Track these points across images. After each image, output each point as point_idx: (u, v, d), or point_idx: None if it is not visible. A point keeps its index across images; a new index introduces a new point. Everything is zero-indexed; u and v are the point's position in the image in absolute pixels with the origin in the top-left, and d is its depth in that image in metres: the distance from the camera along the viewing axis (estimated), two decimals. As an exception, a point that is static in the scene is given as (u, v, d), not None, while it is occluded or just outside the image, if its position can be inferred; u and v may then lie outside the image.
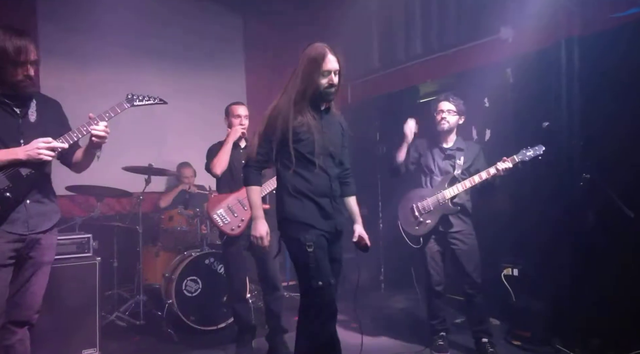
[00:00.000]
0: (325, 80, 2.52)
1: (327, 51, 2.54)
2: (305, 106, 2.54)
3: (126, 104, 2.62)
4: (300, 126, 2.52)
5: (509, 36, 4.17)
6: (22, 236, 2.42)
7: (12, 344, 2.48)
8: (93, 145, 2.53)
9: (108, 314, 4.14)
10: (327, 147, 2.58)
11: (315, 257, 2.44)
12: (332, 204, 2.59)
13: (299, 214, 2.52)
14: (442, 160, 3.61)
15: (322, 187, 2.56)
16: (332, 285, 2.48)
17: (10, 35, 2.34)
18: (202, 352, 3.65)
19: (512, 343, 3.63)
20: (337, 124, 2.72)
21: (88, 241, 3.56)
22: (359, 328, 4.06)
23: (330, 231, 2.57)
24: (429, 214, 3.53)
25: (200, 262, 4.08)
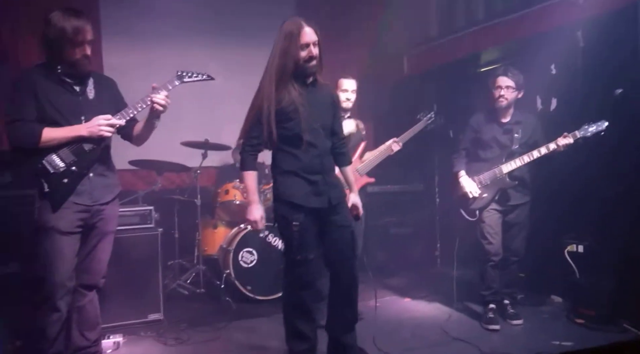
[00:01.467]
0: (305, 53, 2.53)
1: (302, 24, 2.53)
2: (289, 83, 2.55)
3: (176, 81, 2.71)
4: (284, 104, 2.53)
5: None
6: (88, 206, 2.58)
7: (83, 305, 2.69)
8: (154, 114, 2.63)
9: (170, 282, 4.33)
10: (316, 122, 2.59)
11: (299, 235, 2.59)
12: (325, 179, 2.64)
13: (289, 194, 2.61)
14: (501, 135, 3.54)
15: (312, 164, 2.61)
16: (311, 260, 2.63)
17: (69, 16, 2.44)
18: (259, 320, 3.75)
19: (575, 321, 3.49)
20: (327, 96, 2.73)
21: (150, 213, 3.72)
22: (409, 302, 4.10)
23: (323, 206, 2.63)
24: (486, 187, 3.53)
25: (255, 234, 4.16)
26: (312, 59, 2.55)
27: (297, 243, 2.62)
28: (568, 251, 3.75)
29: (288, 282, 2.76)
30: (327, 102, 2.72)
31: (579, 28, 3.91)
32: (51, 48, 2.48)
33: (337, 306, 2.80)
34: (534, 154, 3.38)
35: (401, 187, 5.25)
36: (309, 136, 2.57)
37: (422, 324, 3.59)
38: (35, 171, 2.47)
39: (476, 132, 3.63)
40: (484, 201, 3.53)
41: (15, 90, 2.48)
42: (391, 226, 5.15)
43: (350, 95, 3.66)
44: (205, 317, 3.79)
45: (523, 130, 3.50)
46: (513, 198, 3.51)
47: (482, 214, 3.56)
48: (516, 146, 3.49)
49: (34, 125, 2.45)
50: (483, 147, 3.60)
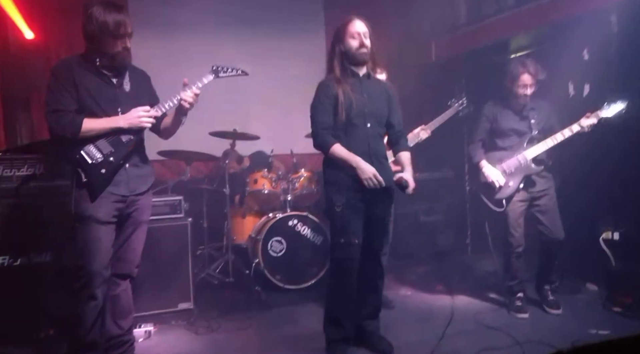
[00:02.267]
0: (356, 42, 2.71)
1: (352, 17, 2.76)
2: (343, 72, 2.75)
3: (211, 76, 2.76)
4: (333, 91, 2.70)
5: (614, -21, 3.77)
6: (124, 196, 2.61)
7: (117, 294, 2.73)
8: (181, 111, 2.67)
9: (200, 272, 4.36)
10: (365, 108, 2.73)
11: (342, 217, 2.69)
12: (373, 162, 2.71)
13: (335, 176, 2.74)
14: (518, 122, 3.50)
15: (359, 146, 2.72)
16: (355, 244, 2.70)
17: (110, 10, 2.48)
18: (288, 309, 3.77)
19: (611, 309, 3.44)
20: (382, 90, 2.87)
21: (180, 203, 3.72)
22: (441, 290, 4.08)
23: (369, 190, 2.66)
24: (510, 176, 3.47)
25: (284, 223, 4.18)
26: (363, 46, 2.72)
27: (340, 226, 2.71)
28: (603, 238, 3.68)
29: (333, 266, 2.85)
30: (381, 93, 2.86)
31: (612, 12, 3.82)
32: (92, 41, 2.52)
33: (362, 293, 2.88)
34: (557, 137, 3.33)
35: (430, 174, 5.22)
36: (352, 118, 2.70)
37: (455, 313, 3.56)
38: (74, 161, 2.51)
39: (491, 122, 3.57)
40: (510, 190, 3.46)
41: (55, 80, 2.52)
42: (421, 214, 5.14)
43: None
44: (235, 306, 3.83)
45: (538, 116, 3.47)
46: (539, 184, 3.46)
47: (508, 204, 3.50)
48: (535, 132, 3.45)
49: (75, 115, 2.49)
50: (501, 136, 3.55)
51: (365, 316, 2.96)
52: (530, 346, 2.86)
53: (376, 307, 2.98)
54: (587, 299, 3.66)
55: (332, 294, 2.84)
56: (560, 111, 3.59)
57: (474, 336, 3.10)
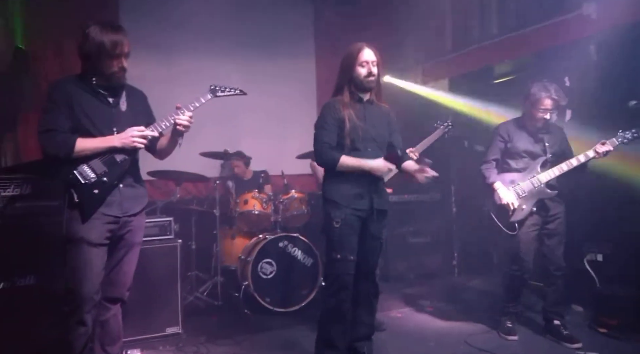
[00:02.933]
0: (365, 70, 2.81)
1: (364, 45, 2.85)
2: (347, 96, 2.85)
3: (209, 95, 2.76)
4: (338, 114, 2.80)
5: (593, 11, 3.96)
6: (117, 217, 2.56)
7: (107, 319, 2.66)
8: (177, 133, 2.66)
9: (188, 295, 4.30)
10: (367, 134, 2.84)
11: (340, 233, 2.77)
12: (369, 184, 2.82)
13: (334, 194, 2.82)
14: (533, 144, 3.48)
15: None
16: (350, 260, 2.78)
17: (107, 30, 2.48)
18: (278, 333, 3.72)
19: (597, 330, 3.50)
20: (384, 115, 2.97)
21: (170, 224, 3.69)
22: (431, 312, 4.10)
23: (365, 209, 2.81)
24: (524, 199, 3.40)
25: (275, 245, 4.16)
26: (371, 74, 2.82)
27: (338, 241, 2.78)
28: (587, 259, 3.76)
29: (328, 284, 2.87)
30: (383, 119, 2.97)
31: (592, 42, 3.98)
32: (88, 60, 2.52)
33: (357, 313, 2.92)
34: (572, 162, 3.31)
35: (418, 196, 5.29)
36: (355, 142, 2.80)
37: (446, 335, 3.59)
38: (67, 181, 2.46)
39: (506, 142, 3.53)
40: (524, 213, 3.40)
41: (50, 100, 2.50)
42: (409, 236, 5.19)
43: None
44: (224, 330, 3.77)
45: (551, 139, 3.46)
46: (552, 208, 3.43)
47: (520, 228, 3.42)
48: (549, 155, 3.43)
49: (68, 135, 2.46)
50: (514, 157, 3.51)
51: (359, 337, 2.96)
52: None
53: (370, 327, 3.00)
54: (573, 320, 3.69)
55: (327, 314, 2.85)
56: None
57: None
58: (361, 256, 2.86)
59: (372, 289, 2.98)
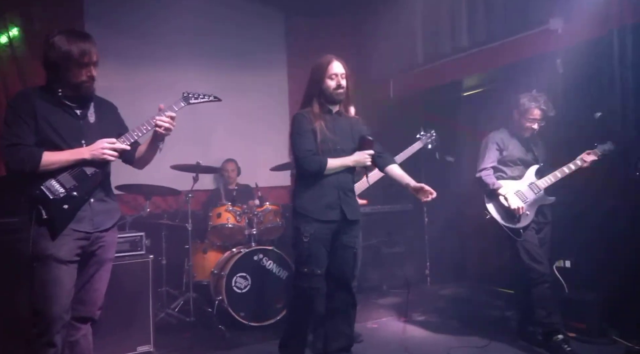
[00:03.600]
0: (334, 83, 2.84)
1: (333, 58, 2.89)
2: (317, 108, 2.87)
3: (182, 102, 2.66)
4: (315, 126, 2.82)
5: (559, 26, 4.09)
6: (88, 233, 2.46)
7: (77, 340, 2.54)
8: (157, 137, 2.58)
9: (159, 312, 4.18)
10: (337, 145, 2.86)
11: (309, 247, 2.78)
12: (340, 195, 2.85)
13: (304, 206, 2.83)
14: (525, 153, 3.57)
15: (330, 179, 2.84)
16: (318, 275, 2.80)
17: (75, 39, 2.40)
18: (253, 347, 3.67)
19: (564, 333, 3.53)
20: (351, 126, 2.99)
21: (141, 239, 3.60)
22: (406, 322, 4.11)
23: (337, 220, 2.83)
24: (527, 205, 3.43)
25: (249, 258, 4.10)
26: (340, 87, 2.85)
27: (306, 255, 2.79)
28: (556, 266, 3.84)
29: (294, 295, 2.90)
30: (351, 131, 2.97)
31: (558, 56, 4.10)
32: (54, 70, 2.42)
33: (333, 323, 2.93)
34: (565, 170, 3.41)
35: (391, 207, 5.31)
36: (325, 154, 2.82)
37: (422, 344, 3.61)
38: (33, 196, 2.35)
39: (501, 150, 3.57)
40: (529, 219, 3.44)
41: (13, 112, 2.38)
42: (383, 246, 5.20)
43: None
44: (197, 347, 3.69)
45: (537, 149, 3.58)
46: (548, 215, 3.51)
47: (526, 233, 3.42)
48: (542, 163, 3.54)
49: (34, 149, 2.36)
50: (509, 165, 3.56)
51: (338, 348, 2.94)
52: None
53: (349, 338, 2.99)
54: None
55: (290, 322, 2.94)
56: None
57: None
58: (335, 267, 2.89)
59: (349, 299, 2.97)
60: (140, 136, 2.57)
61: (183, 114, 2.89)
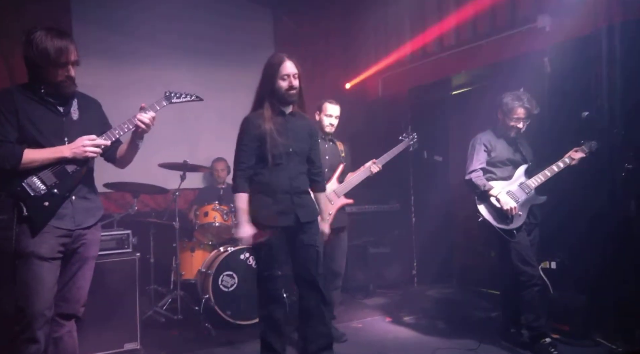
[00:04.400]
0: (285, 83, 2.78)
1: (284, 57, 2.82)
2: (265, 109, 2.81)
3: (164, 102, 2.66)
4: (258, 129, 2.77)
5: (547, 24, 4.06)
6: (69, 231, 2.47)
7: (61, 336, 2.55)
8: (137, 135, 2.57)
9: (146, 309, 4.18)
10: (288, 147, 2.81)
11: (267, 251, 2.77)
12: (292, 199, 2.81)
13: (257, 215, 2.78)
14: (513, 153, 3.55)
15: (280, 184, 2.81)
16: (278, 276, 2.80)
17: (52, 36, 2.36)
18: (239, 346, 3.68)
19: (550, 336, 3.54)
20: (305, 127, 2.96)
21: (128, 237, 3.61)
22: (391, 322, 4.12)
23: (291, 224, 2.80)
24: (519, 205, 3.40)
25: (236, 257, 4.11)
26: (292, 88, 2.79)
27: (265, 260, 2.80)
28: (541, 267, 3.84)
29: (258, 297, 2.89)
30: (304, 131, 2.95)
31: (545, 54, 4.10)
32: (33, 69, 2.40)
33: (309, 324, 2.90)
34: (554, 168, 3.39)
35: (378, 206, 5.32)
36: (277, 158, 2.78)
37: (407, 345, 3.61)
38: (14, 194, 2.35)
39: (490, 152, 3.54)
40: (522, 219, 3.39)
41: None
42: (370, 246, 5.19)
43: (334, 120, 3.77)
44: (184, 345, 3.70)
45: (524, 148, 3.56)
46: (538, 215, 3.49)
47: (519, 234, 3.38)
48: (530, 162, 3.51)
49: (15, 146, 2.35)
50: (498, 166, 3.53)
51: (319, 348, 2.89)
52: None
53: (328, 336, 2.94)
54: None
55: (262, 323, 2.90)
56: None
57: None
58: (300, 267, 2.87)
59: (318, 297, 2.88)
60: (122, 134, 2.57)
61: (171, 113, 2.88)
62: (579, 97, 3.81)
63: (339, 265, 3.82)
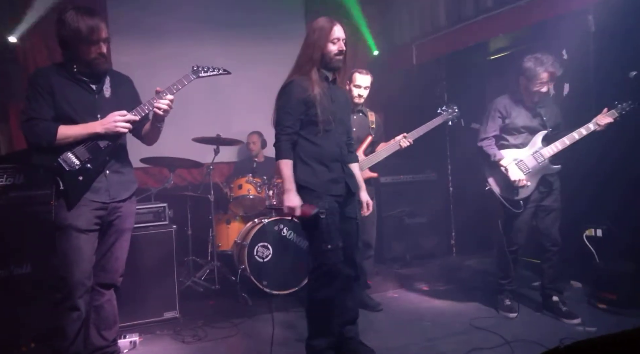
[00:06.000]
0: (335, 47, 2.66)
1: (334, 21, 2.70)
2: (312, 73, 2.65)
3: (192, 76, 2.69)
4: (307, 93, 2.62)
5: (590, -19, 3.84)
6: (105, 204, 2.56)
7: (101, 304, 2.68)
8: (156, 118, 2.62)
9: (185, 280, 4.31)
10: (336, 115, 2.70)
11: (327, 223, 2.59)
12: (343, 168, 2.73)
13: (312, 182, 2.64)
14: (531, 119, 3.40)
15: (333, 152, 2.70)
16: (340, 248, 2.62)
17: (83, 15, 2.42)
18: (276, 315, 3.68)
19: (596, 306, 3.46)
20: (344, 96, 2.87)
21: (164, 210, 3.68)
22: (427, 291, 4.08)
23: (342, 194, 2.70)
24: (529, 175, 3.31)
25: (270, 228, 4.15)
26: (341, 53, 2.68)
27: (326, 232, 2.59)
28: (586, 235, 3.72)
29: (317, 275, 2.64)
30: (344, 101, 2.85)
31: (589, 12, 3.88)
32: (67, 48, 2.47)
33: (341, 299, 2.75)
34: (574, 135, 3.23)
35: (414, 176, 5.24)
36: (327, 124, 2.65)
37: (443, 314, 3.57)
38: (52, 169, 2.46)
39: (504, 118, 3.42)
40: (529, 190, 3.32)
41: (32, 89, 2.47)
42: (405, 216, 5.12)
43: (363, 91, 3.67)
44: (221, 313, 3.78)
45: (549, 112, 3.39)
46: (551, 183, 3.38)
47: (526, 205, 3.35)
48: (550, 129, 3.36)
49: (50, 123, 2.44)
50: (512, 133, 3.42)
51: (344, 322, 2.84)
52: (519, 345, 2.86)
53: (353, 311, 2.88)
54: (572, 296, 3.66)
55: (320, 305, 2.66)
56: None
57: (462, 337, 3.09)
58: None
59: (353, 272, 2.81)
60: (151, 109, 2.60)
61: (204, 87, 2.87)
62: (626, 56, 3.60)
63: (370, 236, 3.79)
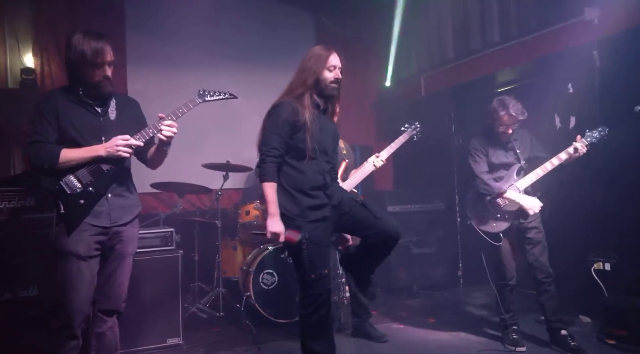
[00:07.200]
0: (331, 75, 2.65)
1: (332, 49, 2.71)
2: (304, 99, 2.62)
3: (198, 100, 2.69)
4: (301, 118, 2.57)
5: (595, 17, 3.92)
6: (105, 228, 2.52)
7: (103, 332, 2.61)
8: (162, 142, 2.61)
9: (189, 306, 4.30)
10: (320, 143, 2.64)
11: (309, 254, 2.53)
12: (325, 194, 2.64)
13: (292, 210, 2.58)
14: (505, 155, 3.52)
15: (316, 180, 2.63)
16: (326, 275, 2.57)
17: (89, 38, 2.45)
18: (279, 343, 3.70)
19: (605, 341, 3.39)
20: (331, 126, 2.79)
21: (171, 235, 3.69)
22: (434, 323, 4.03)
23: (328, 214, 2.62)
24: (506, 208, 3.43)
25: (275, 255, 4.14)
26: (337, 81, 2.67)
27: (308, 262, 2.55)
28: (594, 269, 3.67)
29: (306, 304, 2.61)
30: (332, 133, 2.80)
31: (594, 48, 3.94)
32: (72, 70, 2.50)
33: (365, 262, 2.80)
34: (547, 166, 3.34)
35: (422, 206, 5.23)
36: (313, 152, 2.61)
37: (449, 347, 3.51)
38: (53, 192, 2.45)
39: (485, 155, 3.54)
40: (507, 222, 3.43)
41: (37, 112, 2.49)
42: (412, 246, 5.10)
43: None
44: (225, 341, 3.75)
45: (521, 145, 3.50)
46: (529, 216, 3.41)
47: (504, 237, 3.45)
48: (523, 162, 3.47)
49: (53, 146, 2.45)
50: (490, 170, 3.53)
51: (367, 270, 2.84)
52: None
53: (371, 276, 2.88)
54: (581, 331, 3.61)
55: (310, 332, 2.62)
56: (548, 144, 3.61)
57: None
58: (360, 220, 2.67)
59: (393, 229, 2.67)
60: (155, 133, 2.59)
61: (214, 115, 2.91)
62: (630, 90, 3.63)
63: None
